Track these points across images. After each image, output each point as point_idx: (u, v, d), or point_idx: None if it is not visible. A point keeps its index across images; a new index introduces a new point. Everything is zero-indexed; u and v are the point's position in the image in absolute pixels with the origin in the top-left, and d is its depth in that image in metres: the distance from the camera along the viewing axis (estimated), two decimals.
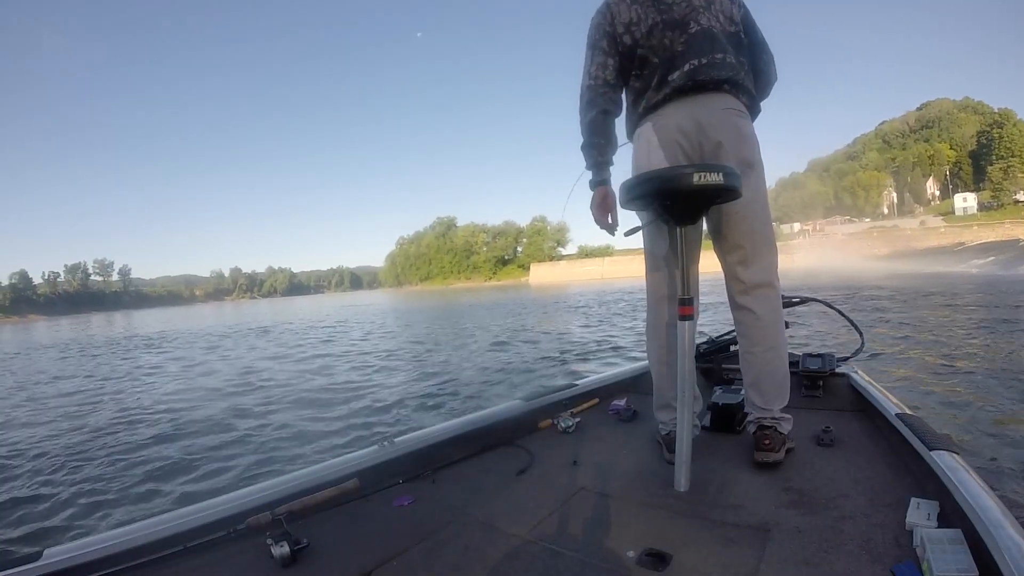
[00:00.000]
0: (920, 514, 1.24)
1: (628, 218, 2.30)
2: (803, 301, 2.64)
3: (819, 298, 2.76)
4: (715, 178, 1.41)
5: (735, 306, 1.82)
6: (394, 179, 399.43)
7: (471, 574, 1.26)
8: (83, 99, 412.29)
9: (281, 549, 1.30)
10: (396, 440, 1.87)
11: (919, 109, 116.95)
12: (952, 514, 1.21)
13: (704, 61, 1.68)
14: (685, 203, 1.54)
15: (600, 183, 1.78)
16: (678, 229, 1.61)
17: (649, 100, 1.75)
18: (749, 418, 1.82)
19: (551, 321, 14.37)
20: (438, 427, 2.05)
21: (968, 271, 31.37)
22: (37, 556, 1.23)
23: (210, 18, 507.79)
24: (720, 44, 1.71)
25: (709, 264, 1.90)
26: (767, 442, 1.68)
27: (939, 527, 1.18)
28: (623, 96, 1.88)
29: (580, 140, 1.82)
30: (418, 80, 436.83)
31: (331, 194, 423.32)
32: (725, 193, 1.51)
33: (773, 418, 1.74)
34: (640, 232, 1.83)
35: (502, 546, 1.36)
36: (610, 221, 1.78)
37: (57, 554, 1.25)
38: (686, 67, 1.68)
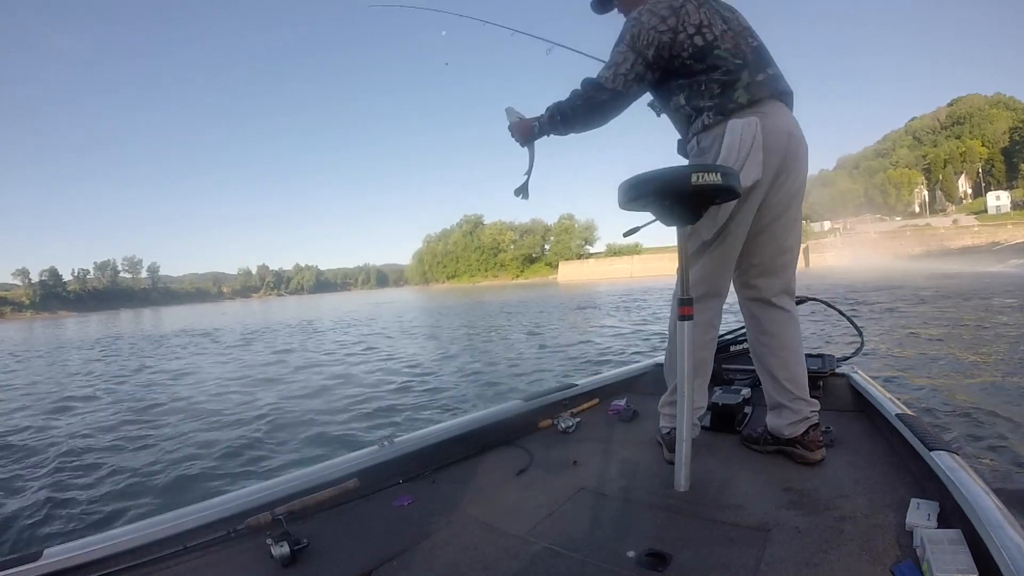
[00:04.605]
0: (920, 514, 1.23)
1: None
2: (803, 301, 2.59)
3: (819, 298, 2.72)
4: (713, 178, 1.40)
5: (769, 305, 1.79)
6: (421, 176, 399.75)
7: (471, 574, 1.26)
8: (109, 98, 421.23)
9: (281, 549, 1.32)
10: (396, 440, 1.88)
11: (950, 105, 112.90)
12: (952, 514, 1.19)
13: (773, 72, 1.71)
14: (684, 203, 1.53)
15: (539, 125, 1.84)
16: (678, 229, 1.60)
17: (745, 95, 1.64)
18: (796, 418, 1.73)
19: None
20: (438, 427, 2.06)
21: (1008, 271, 30.48)
22: (37, 556, 1.25)
23: (238, 15, 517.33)
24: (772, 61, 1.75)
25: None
26: (821, 439, 1.71)
27: (939, 527, 1.17)
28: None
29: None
30: (443, 76, 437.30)
31: (357, 191, 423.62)
32: (723, 193, 1.50)
33: (814, 411, 1.74)
34: (660, 231, 1.82)
35: (502, 546, 1.37)
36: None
37: (57, 554, 1.27)
38: (763, 75, 1.68)
